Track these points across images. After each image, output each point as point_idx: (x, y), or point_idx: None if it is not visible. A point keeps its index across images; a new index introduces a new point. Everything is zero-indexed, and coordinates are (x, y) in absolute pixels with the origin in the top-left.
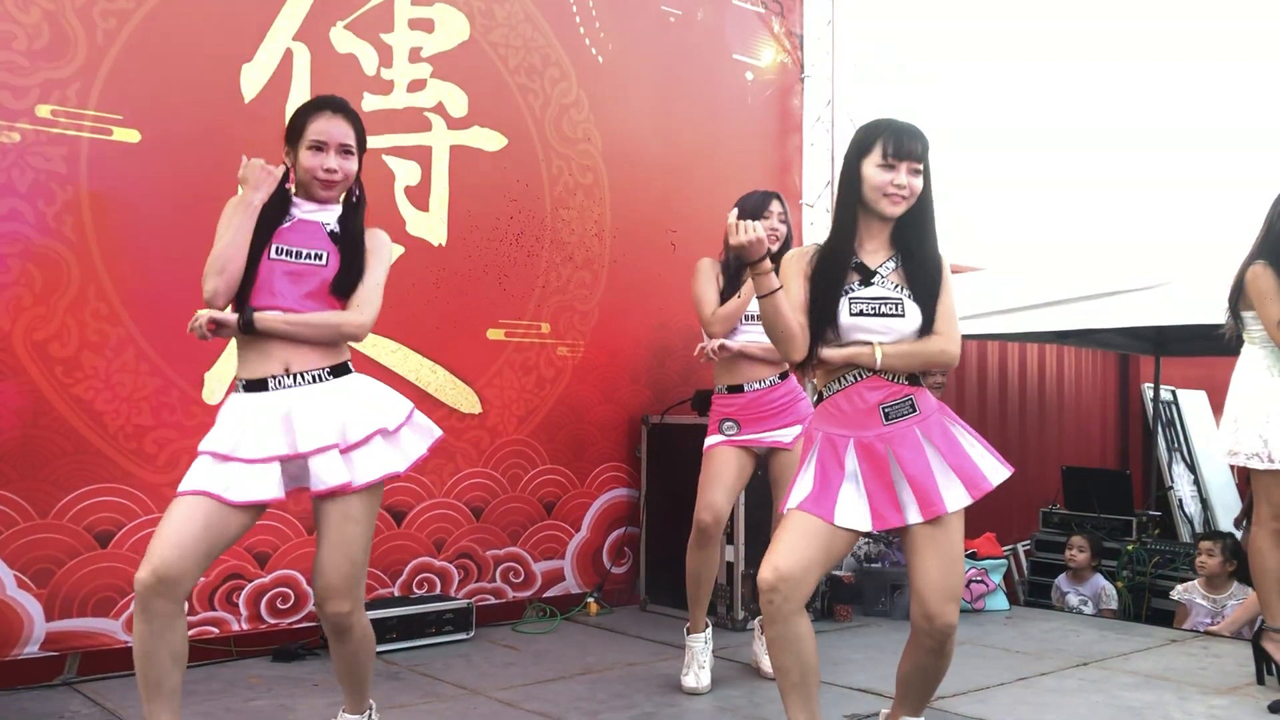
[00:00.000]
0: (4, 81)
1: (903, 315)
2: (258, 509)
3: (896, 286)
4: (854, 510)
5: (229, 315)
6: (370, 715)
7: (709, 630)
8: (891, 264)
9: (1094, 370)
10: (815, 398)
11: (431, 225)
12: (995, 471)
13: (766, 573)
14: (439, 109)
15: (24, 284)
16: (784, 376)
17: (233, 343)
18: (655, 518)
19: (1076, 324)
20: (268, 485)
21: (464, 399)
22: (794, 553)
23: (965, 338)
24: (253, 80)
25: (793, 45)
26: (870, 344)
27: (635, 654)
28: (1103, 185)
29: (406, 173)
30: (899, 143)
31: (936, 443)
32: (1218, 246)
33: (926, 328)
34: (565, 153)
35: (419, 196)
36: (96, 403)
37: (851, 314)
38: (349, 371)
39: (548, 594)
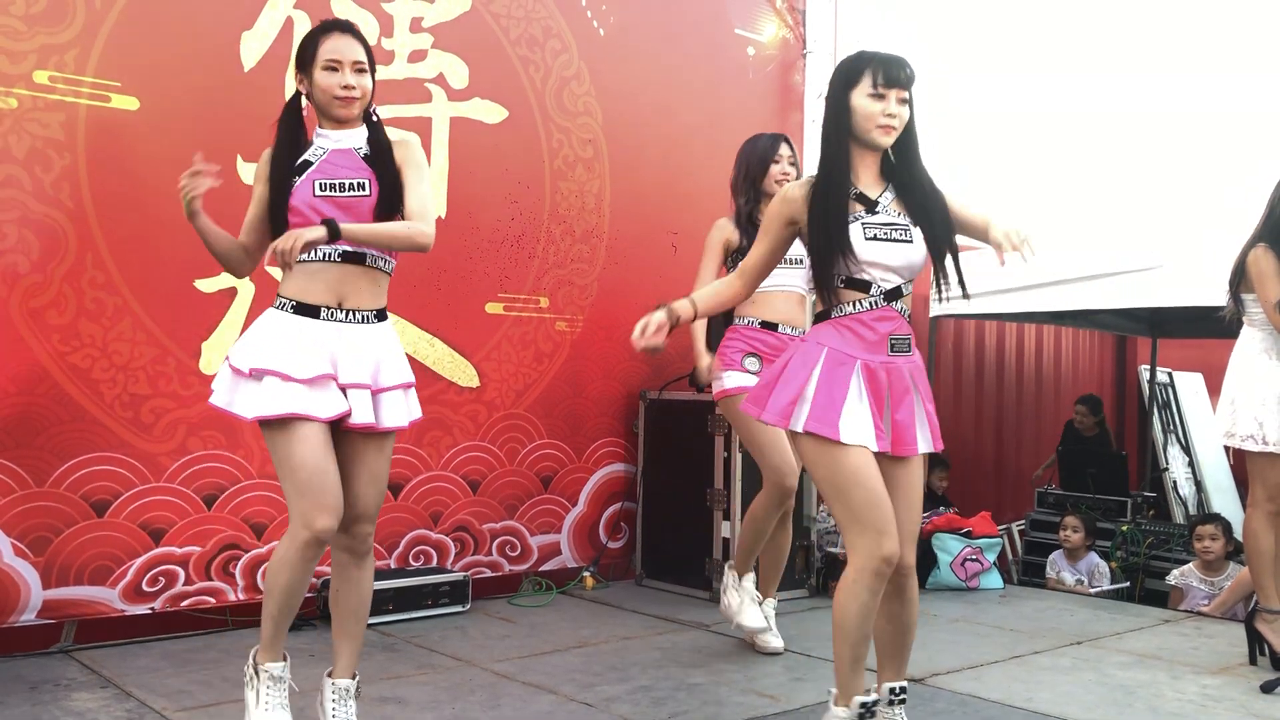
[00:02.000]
0: (1, 47)
1: (911, 242)
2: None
3: (899, 214)
4: (859, 429)
5: (317, 231)
6: (358, 680)
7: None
8: (890, 194)
9: (1091, 351)
10: (818, 316)
11: None
12: (939, 438)
13: (894, 546)
14: (440, 80)
15: (21, 251)
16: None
17: (232, 312)
18: (652, 493)
19: (1074, 305)
20: (336, 400)
21: (462, 372)
22: (889, 513)
23: (961, 317)
24: (253, 48)
25: (795, 21)
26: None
27: (631, 628)
28: (1104, 165)
29: None
30: (888, 72)
31: (919, 387)
32: (1215, 227)
33: (937, 254)
34: (565, 125)
35: None
36: (93, 371)
37: (867, 238)
38: (386, 318)
39: (544, 568)
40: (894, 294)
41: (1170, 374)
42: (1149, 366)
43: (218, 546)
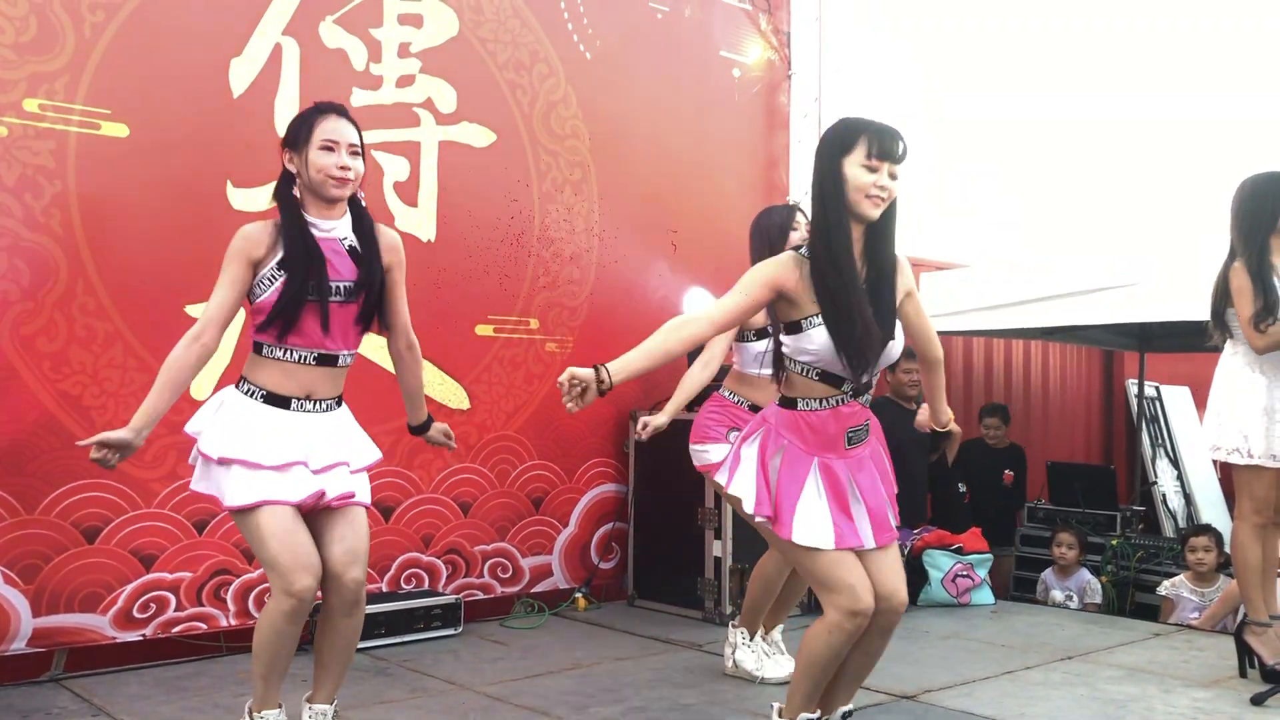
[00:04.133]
0: None
1: (894, 338)
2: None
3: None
4: (817, 530)
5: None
6: (336, 706)
7: None
8: (868, 280)
9: (1079, 366)
10: (783, 400)
11: (420, 221)
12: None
13: (869, 600)
14: (428, 104)
15: (11, 279)
16: None
17: (227, 334)
18: (643, 513)
19: (1061, 320)
20: (305, 484)
21: (452, 395)
22: (860, 569)
23: (951, 334)
24: (241, 75)
25: (780, 42)
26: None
27: (624, 649)
28: (1091, 181)
29: (395, 168)
30: (884, 144)
31: (877, 469)
32: (1200, 242)
33: (896, 343)
34: (553, 149)
35: (407, 192)
36: (84, 398)
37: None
38: (343, 402)
39: (536, 589)
40: (865, 387)
41: (1158, 388)
42: (1137, 381)
43: (209, 572)
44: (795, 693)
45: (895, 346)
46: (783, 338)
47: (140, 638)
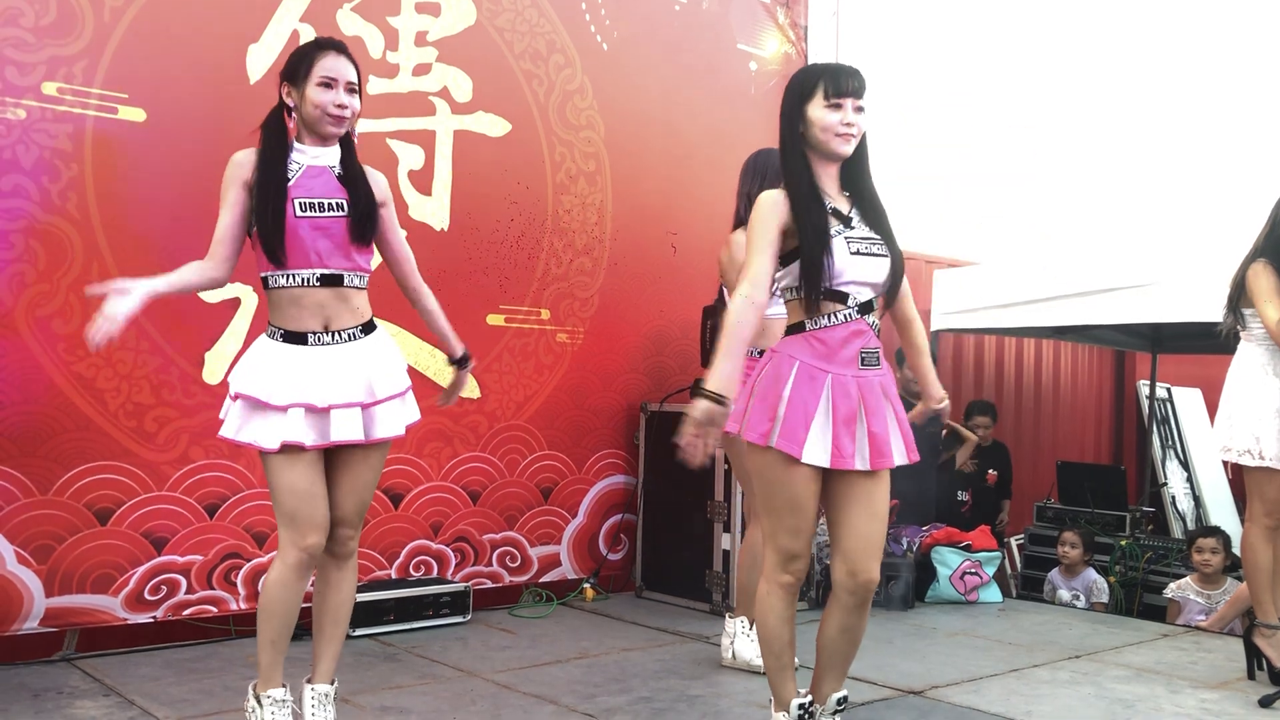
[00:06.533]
0: (10, 58)
1: (886, 255)
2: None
3: (869, 229)
4: (818, 447)
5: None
6: (335, 685)
7: None
8: (856, 209)
9: (1090, 366)
10: (789, 328)
11: (434, 210)
12: (914, 449)
13: (804, 567)
14: (444, 93)
15: (27, 260)
16: None
17: (235, 323)
18: (652, 505)
19: (1073, 320)
20: (324, 427)
21: None
22: (809, 537)
23: (961, 331)
24: (259, 61)
25: (797, 36)
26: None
27: (631, 639)
28: (1106, 180)
29: (410, 157)
30: (840, 82)
31: (890, 399)
32: (1214, 243)
33: (898, 266)
34: (568, 139)
35: (422, 181)
36: (98, 380)
37: (851, 252)
38: (375, 327)
39: (544, 579)
40: (867, 307)
41: (1169, 389)
42: (1148, 382)
43: (219, 555)
44: (768, 677)
45: (887, 266)
46: (783, 270)
47: (151, 619)
